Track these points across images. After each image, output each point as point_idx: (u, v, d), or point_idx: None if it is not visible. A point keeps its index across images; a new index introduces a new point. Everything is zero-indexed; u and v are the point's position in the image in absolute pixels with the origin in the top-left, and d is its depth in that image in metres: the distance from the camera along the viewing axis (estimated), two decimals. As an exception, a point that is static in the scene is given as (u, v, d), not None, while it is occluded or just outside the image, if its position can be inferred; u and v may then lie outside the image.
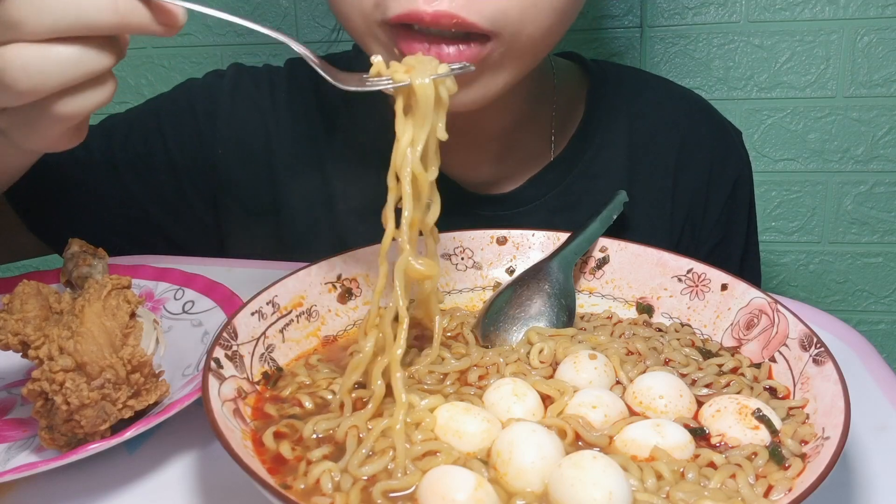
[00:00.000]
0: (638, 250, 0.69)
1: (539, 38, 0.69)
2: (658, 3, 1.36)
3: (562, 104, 0.91)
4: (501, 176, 0.90)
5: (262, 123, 0.92)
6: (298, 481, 0.46)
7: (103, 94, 0.50)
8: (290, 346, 0.60)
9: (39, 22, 0.45)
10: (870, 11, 1.32)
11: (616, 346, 0.59)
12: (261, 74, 0.95)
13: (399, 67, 0.55)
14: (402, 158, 0.54)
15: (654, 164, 0.91)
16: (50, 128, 0.51)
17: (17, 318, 0.54)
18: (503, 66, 0.70)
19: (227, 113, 0.92)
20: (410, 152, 0.54)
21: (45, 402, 0.51)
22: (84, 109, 0.50)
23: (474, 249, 0.71)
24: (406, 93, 0.54)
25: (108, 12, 0.46)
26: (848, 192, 1.44)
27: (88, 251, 0.64)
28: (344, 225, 0.90)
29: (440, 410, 0.50)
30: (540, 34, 0.69)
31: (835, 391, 0.49)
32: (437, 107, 0.54)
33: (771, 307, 0.59)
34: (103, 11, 0.46)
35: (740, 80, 1.38)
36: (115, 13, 0.46)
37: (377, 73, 0.55)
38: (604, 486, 0.42)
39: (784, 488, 0.44)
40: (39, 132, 0.51)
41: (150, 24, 0.48)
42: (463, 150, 0.83)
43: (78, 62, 0.47)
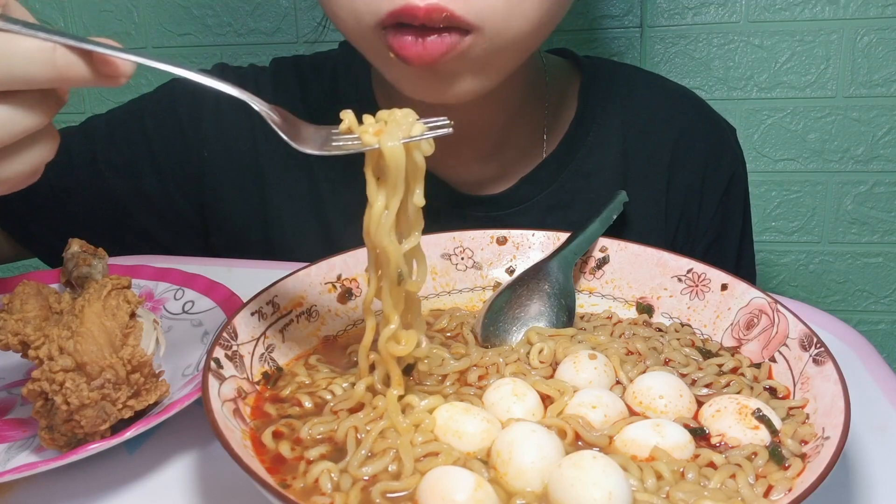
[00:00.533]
0: (638, 250, 0.69)
1: (525, 33, 0.69)
2: (658, 3, 1.36)
3: (554, 102, 0.91)
4: (493, 176, 0.89)
5: (247, 124, 0.91)
6: (298, 481, 0.46)
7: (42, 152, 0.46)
8: (289, 346, 0.60)
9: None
10: (870, 11, 1.32)
11: (616, 346, 0.59)
12: (246, 75, 0.94)
13: (368, 127, 0.50)
14: (375, 226, 0.50)
15: (648, 162, 0.91)
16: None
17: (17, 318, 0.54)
18: (488, 62, 0.69)
19: (211, 114, 0.91)
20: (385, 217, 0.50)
21: (45, 402, 0.51)
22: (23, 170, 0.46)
23: (474, 249, 0.71)
24: (376, 155, 0.50)
25: (44, 66, 0.42)
26: (848, 192, 1.44)
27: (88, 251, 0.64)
28: (331, 226, 0.90)
29: (440, 411, 0.50)
30: (526, 29, 0.68)
31: (835, 391, 0.49)
32: (412, 172, 0.50)
33: (771, 307, 0.59)
34: (40, 65, 0.42)
35: (740, 80, 1.38)
36: (53, 68, 0.42)
37: (347, 129, 0.50)
38: (603, 486, 0.42)
39: (784, 488, 0.44)
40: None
41: (89, 77, 0.43)
42: (454, 149, 0.83)
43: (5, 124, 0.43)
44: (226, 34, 1.46)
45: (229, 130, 0.91)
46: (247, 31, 1.45)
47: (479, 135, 0.87)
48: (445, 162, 0.87)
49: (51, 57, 0.42)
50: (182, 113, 0.90)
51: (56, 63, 0.42)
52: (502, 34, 0.66)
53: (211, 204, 0.92)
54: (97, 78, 0.44)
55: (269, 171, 0.90)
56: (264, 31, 1.45)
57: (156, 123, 0.90)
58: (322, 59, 0.95)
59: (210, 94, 0.92)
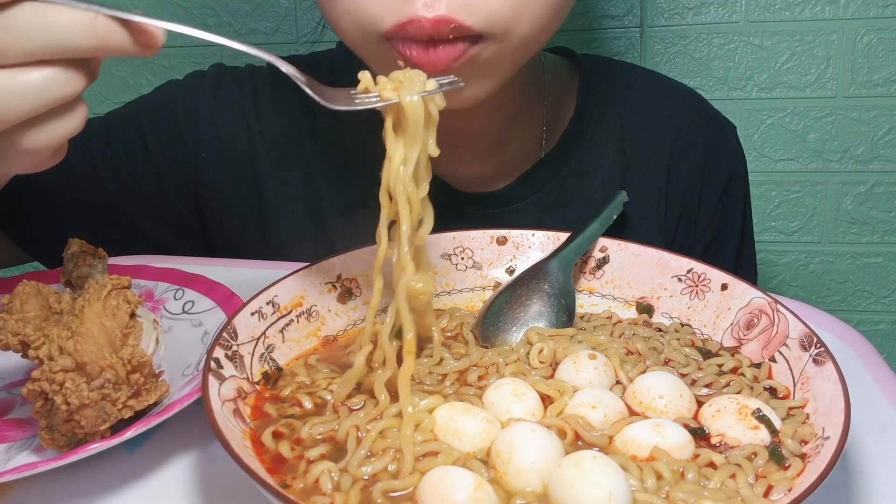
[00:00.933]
0: (638, 250, 0.69)
1: (532, 36, 0.69)
2: (658, 3, 1.36)
3: (553, 101, 0.91)
4: (492, 174, 0.89)
5: (244, 124, 0.91)
6: (298, 481, 0.46)
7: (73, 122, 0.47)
8: (290, 346, 0.60)
9: (15, 46, 0.42)
10: (870, 11, 1.32)
11: (616, 346, 0.59)
12: (243, 74, 0.94)
13: (386, 84, 0.53)
14: (395, 177, 0.53)
15: (647, 160, 0.91)
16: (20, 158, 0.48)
17: (17, 318, 0.54)
18: (495, 65, 0.69)
19: (208, 114, 0.91)
20: (403, 171, 0.53)
21: (45, 402, 0.51)
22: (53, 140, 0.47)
23: (474, 249, 0.71)
24: (395, 110, 0.53)
25: (87, 35, 0.43)
26: (848, 192, 1.44)
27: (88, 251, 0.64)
28: (328, 225, 0.90)
29: (439, 411, 0.50)
30: (533, 33, 0.68)
31: (835, 391, 0.49)
32: (427, 124, 0.53)
33: (771, 307, 0.59)
34: (82, 34, 0.43)
35: (740, 80, 1.38)
36: (94, 36, 0.43)
37: (364, 89, 0.53)
38: (603, 486, 0.42)
39: (784, 488, 0.44)
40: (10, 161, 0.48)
41: (129, 46, 0.45)
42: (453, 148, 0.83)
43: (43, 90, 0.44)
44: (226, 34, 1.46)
45: (225, 131, 0.91)
46: (247, 31, 1.45)
47: (477, 134, 0.87)
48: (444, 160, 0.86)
49: (93, 26, 0.43)
50: (179, 114, 0.90)
51: (98, 32, 0.43)
52: (509, 39, 0.66)
53: (208, 204, 0.92)
54: (134, 47, 0.45)
55: (265, 170, 0.90)
56: (264, 31, 1.45)
57: (153, 125, 0.90)
58: (319, 59, 0.95)
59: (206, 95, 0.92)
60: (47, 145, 0.47)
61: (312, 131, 0.91)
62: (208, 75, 0.94)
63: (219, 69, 0.95)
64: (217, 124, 0.91)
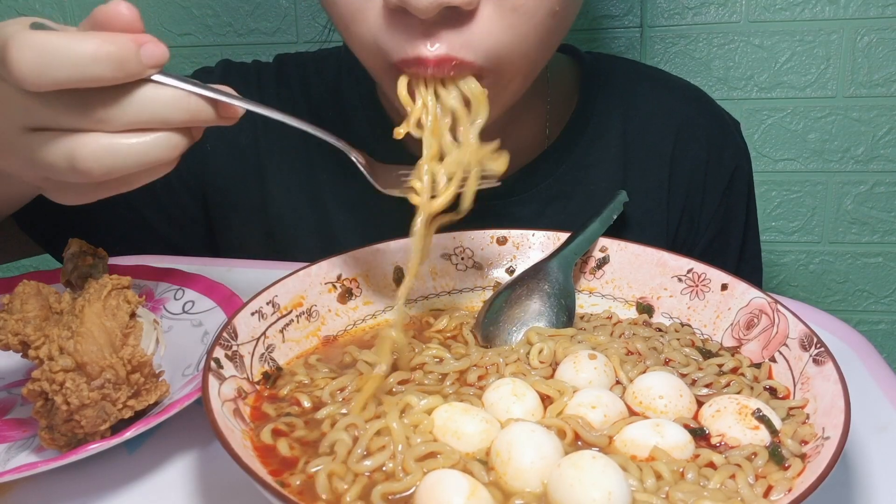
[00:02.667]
0: (638, 250, 0.69)
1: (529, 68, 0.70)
2: (658, 3, 1.36)
3: (555, 96, 0.91)
4: None
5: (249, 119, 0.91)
6: (295, 477, 0.46)
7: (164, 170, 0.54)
8: (290, 346, 0.60)
9: (123, 117, 0.49)
10: (870, 11, 1.32)
11: (616, 346, 0.59)
12: (249, 70, 0.95)
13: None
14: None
15: (649, 154, 0.91)
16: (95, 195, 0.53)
17: (17, 318, 0.54)
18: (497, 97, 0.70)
19: None
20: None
21: (45, 402, 0.51)
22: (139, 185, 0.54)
23: (474, 249, 0.71)
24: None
25: (180, 112, 0.51)
26: (848, 192, 1.44)
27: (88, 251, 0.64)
28: (332, 218, 0.90)
29: (438, 411, 0.50)
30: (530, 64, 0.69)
31: (835, 391, 0.49)
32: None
33: (771, 307, 0.59)
34: (176, 111, 0.51)
35: (740, 80, 1.38)
36: (186, 111, 0.51)
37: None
38: (603, 486, 0.42)
39: (784, 488, 0.44)
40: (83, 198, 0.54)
41: (214, 119, 0.53)
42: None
43: (147, 154, 0.50)
44: (226, 34, 1.46)
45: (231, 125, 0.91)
46: (247, 31, 1.45)
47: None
48: None
49: (186, 104, 0.51)
50: None
51: (190, 108, 0.51)
52: (507, 72, 0.67)
53: (213, 198, 0.93)
54: (218, 119, 0.54)
55: (269, 164, 0.91)
56: (264, 31, 1.45)
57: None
58: (326, 56, 0.96)
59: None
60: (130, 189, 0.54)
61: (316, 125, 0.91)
62: (215, 71, 0.95)
63: (226, 65, 0.96)
64: None
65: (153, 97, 0.50)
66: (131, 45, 0.48)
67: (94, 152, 0.49)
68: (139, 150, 0.50)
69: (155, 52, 0.49)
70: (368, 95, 0.90)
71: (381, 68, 0.68)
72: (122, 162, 0.50)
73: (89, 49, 0.46)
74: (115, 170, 0.50)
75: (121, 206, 0.91)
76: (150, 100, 0.50)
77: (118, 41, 0.47)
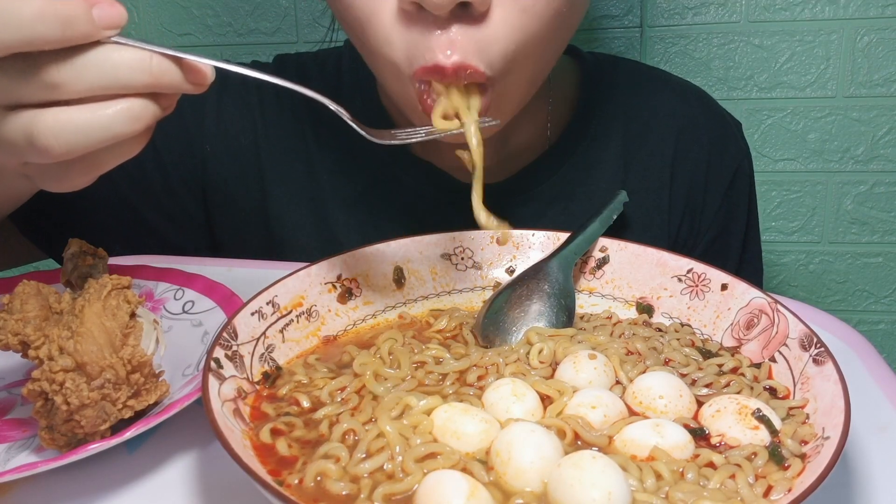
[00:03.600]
0: (638, 250, 0.69)
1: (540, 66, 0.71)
2: (658, 3, 1.36)
3: (557, 97, 0.91)
4: (496, 167, 0.90)
5: (249, 119, 0.92)
6: (293, 476, 0.46)
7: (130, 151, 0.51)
8: (290, 346, 0.60)
9: (78, 82, 0.47)
10: (870, 11, 1.32)
11: (616, 346, 0.59)
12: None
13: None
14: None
15: (650, 155, 0.91)
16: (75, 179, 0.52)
17: (17, 318, 0.54)
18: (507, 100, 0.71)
19: (214, 109, 0.92)
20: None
21: (45, 402, 0.51)
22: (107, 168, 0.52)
23: (474, 249, 0.71)
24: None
25: (142, 73, 0.48)
26: (848, 192, 1.44)
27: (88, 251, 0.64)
28: (332, 219, 0.90)
29: (438, 411, 0.50)
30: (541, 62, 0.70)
31: (835, 391, 0.49)
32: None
33: (771, 307, 0.59)
34: (138, 72, 0.47)
35: (740, 80, 1.38)
36: (149, 74, 0.48)
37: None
38: (603, 486, 0.42)
39: (784, 488, 0.44)
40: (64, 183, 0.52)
41: (181, 83, 0.50)
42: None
43: (109, 126, 0.48)
44: (226, 34, 1.46)
45: (231, 126, 0.92)
46: (247, 31, 1.45)
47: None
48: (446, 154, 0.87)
49: (148, 65, 0.47)
50: (185, 110, 0.91)
51: (152, 70, 0.48)
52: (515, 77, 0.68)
53: (213, 198, 0.93)
54: (185, 84, 0.50)
55: (269, 164, 0.92)
56: (264, 31, 1.45)
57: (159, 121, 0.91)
58: (325, 56, 0.96)
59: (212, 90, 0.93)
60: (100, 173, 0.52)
61: (315, 126, 0.91)
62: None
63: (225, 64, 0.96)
64: (223, 120, 0.92)
65: (109, 58, 0.47)
66: (80, 3, 0.45)
67: (52, 127, 0.47)
68: (100, 122, 0.47)
69: (110, 11, 0.46)
70: (370, 96, 0.90)
71: (396, 78, 0.68)
72: (83, 137, 0.47)
73: (34, 7, 0.44)
74: (77, 145, 0.47)
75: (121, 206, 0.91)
76: (107, 61, 0.47)
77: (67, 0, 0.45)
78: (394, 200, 0.90)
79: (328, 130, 0.91)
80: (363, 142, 0.90)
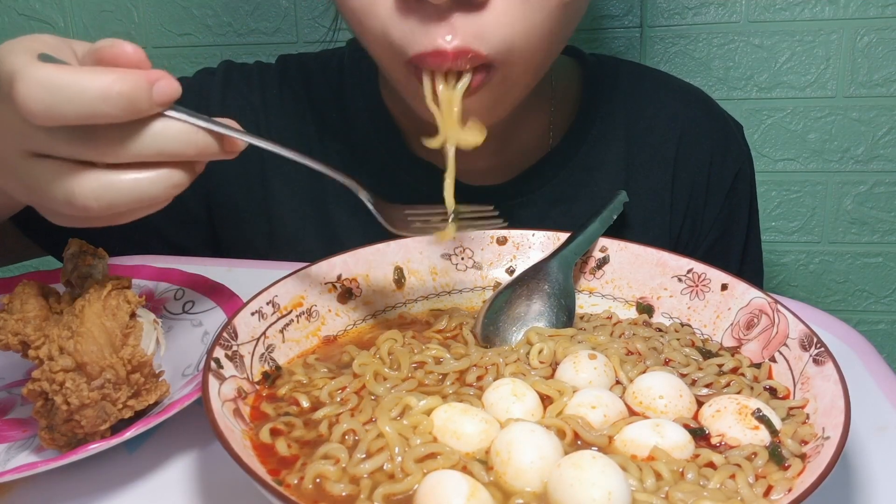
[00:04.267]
0: (638, 250, 0.69)
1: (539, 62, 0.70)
2: (658, 3, 1.36)
3: (559, 98, 0.91)
4: (498, 168, 0.90)
5: (252, 120, 0.92)
6: (292, 476, 0.46)
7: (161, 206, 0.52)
8: (290, 347, 0.60)
9: (129, 152, 0.48)
10: (870, 11, 1.32)
11: (616, 346, 0.59)
12: (251, 71, 0.95)
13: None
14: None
15: (652, 157, 0.91)
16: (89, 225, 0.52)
17: (17, 318, 0.54)
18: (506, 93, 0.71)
19: (218, 109, 0.92)
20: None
21: (45, 402, 0.51)
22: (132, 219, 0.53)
23: (474, 249, 0.71)
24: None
25: (188, 146, 0.50)
26: (848, 192, 1.44)
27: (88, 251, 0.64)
28: (333, 219, 0.91)
29: (438, 412, 0.50)
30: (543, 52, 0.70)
31: (835, 391, 0.49)
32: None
33: (771, 307, 0.59)
34: (185, 145, 0.49)
35: (740, 80, 1.38)
36: (195, 147, 0.50)
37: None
38: (603, 486, 0.42)
39: (784, 488, 0.44)
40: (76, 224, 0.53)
41: (219, 153, 0.52)
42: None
43: (148, 191, 0.49)
44: (226, 34, 1.46)
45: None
46: (247, 31, 1.45)
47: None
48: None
49: (195, 139, 0.50)
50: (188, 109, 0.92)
51: (198, 144, 0.50)
52: (517, 66, 0.68)
53: (216, 198, 0.94)
54: (222, 154, 0.52)
55: (271, 164, 0.92)
56: (264, 31, 1.45)
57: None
58: (328, 57, 0.96)
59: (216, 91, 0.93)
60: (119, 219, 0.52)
61: (319, 126, 0.91)
62: (218, 71, 0.95)
63: (228, 66, 0.96)
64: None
65: (162, 132, 0.49)
66: (144, 84, 0.46)
67: (95, 190, 0.48)
68: (141, 187, 0.49)
69: (167, 89, 0.48)
70: (372, 96, 0.90)
71: (397, 64, 0.68)
72: (122, 199, 0.49)
73: (100, 86, 0.45)
74: (114, 206, 0.49)
75: None
76: (159, 135, 0.48)
77: (130, 79, 0.46)
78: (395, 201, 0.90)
79: (330, 131, 0.91)
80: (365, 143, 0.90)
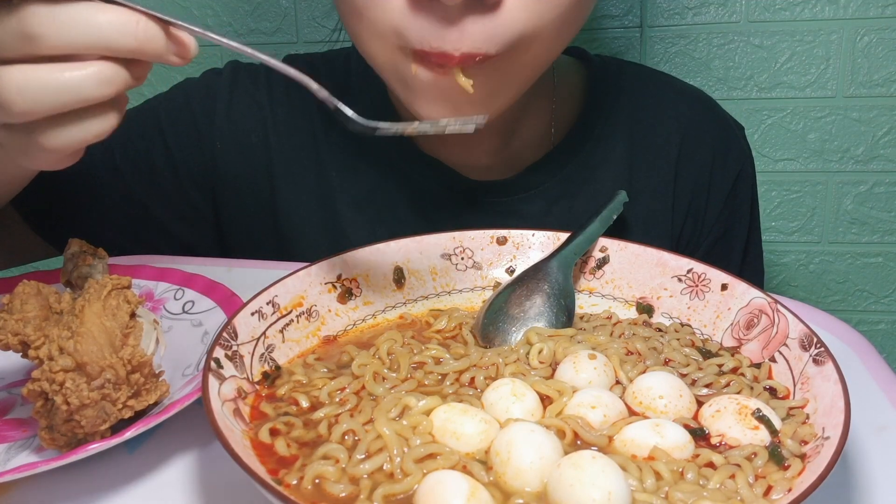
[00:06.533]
0: (638, 250, 0.69)
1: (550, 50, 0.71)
2: (658, 3, 1.36)
3: (561, 97, 0.92)
4: (501, 164, 0.91)
5: (259, 119, 0.93)
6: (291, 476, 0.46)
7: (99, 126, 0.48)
8: (290, 346, 0.60)
9: (58, 38, 0.44)
10: (870, 11, 1.32)
11: (616, 346, 0.59)
12: (258, 71, 0.96)
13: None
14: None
15: (655, 156, 0.92)
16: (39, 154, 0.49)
17: (17, 318, 0.54)
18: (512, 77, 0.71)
19: (224, 109, 0.93)
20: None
21: (45, 402, 0.51)
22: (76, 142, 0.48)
23: (474, 249, 0.71)
24: None
25: (126, 37, 0.45)
26: (848, 192, 1.44)
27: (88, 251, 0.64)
28: (340, 216, 0.91)
29: (437, 412, 0.50)
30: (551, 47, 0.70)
31: (835, 391, 0.49)
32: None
33: (771, 307, 0.59)
34: (122, 35, 0.45)
35: (740, 80, 1.38)
36: (133, 38, 0.46)
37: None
38: (602, 486, 0.42)
39: (784, 488, 0.44)
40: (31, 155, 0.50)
41: (165, 53, 0.48)
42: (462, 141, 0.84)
43: (78, 87, 0.45)
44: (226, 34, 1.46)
45: (241, 124, 0.93)
46: (247, 31, 1.45)
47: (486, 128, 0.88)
48: (453, 151, 0.88)
49: (134, 29, 0.45)
50: (196, 109, 0.93)
51: (137, 35, 0.45)
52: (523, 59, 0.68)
53: (223, 195, 0.94)
54: (169, 55, 0.48)
55: (278, 162, 0.92)
56: (264, 32, 1.45)
57: (170, 119, 0.92)
58: (334, 57, 0.97)
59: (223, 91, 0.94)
60: (68, 146, 0.48)
61: (325, 124, 0.92)
62: (225, 71, 0.96)
63: (234, 66, 0.97)
64: (233, 118, 0.93)
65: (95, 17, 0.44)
66: None
67: (18, 82, 0.44)
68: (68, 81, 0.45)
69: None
70: (379, 96, 0.90)
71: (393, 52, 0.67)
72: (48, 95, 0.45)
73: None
74: (40, 103, 0.45)
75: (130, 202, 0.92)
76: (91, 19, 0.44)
77: None
78: (402, 197, 0.90)
79: (338, 131, 0.92)
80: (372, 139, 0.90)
